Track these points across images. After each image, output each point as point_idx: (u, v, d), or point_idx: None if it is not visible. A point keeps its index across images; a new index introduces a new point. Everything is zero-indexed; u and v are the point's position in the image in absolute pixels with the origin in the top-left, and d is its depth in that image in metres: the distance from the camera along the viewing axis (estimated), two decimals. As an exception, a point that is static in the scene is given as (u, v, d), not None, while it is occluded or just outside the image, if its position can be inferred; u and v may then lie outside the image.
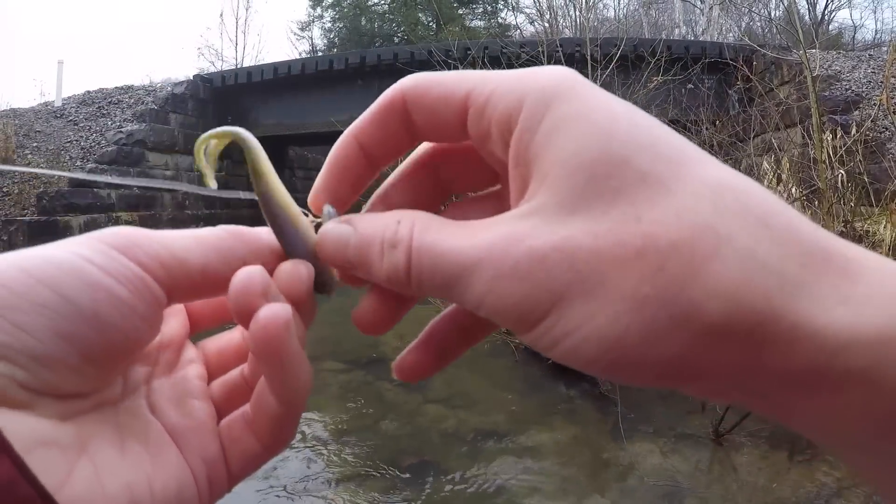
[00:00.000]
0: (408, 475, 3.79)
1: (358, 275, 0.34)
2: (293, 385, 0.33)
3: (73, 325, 0.28)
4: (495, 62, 8.31)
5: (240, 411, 0.37)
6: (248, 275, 0.32)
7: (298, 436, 4.29)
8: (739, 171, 0.29)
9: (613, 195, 0.27)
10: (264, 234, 0.35)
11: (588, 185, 0.27)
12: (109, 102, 14.70)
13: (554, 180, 0.28)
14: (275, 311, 0.31)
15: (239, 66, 26.72)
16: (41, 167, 12.10)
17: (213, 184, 0.38)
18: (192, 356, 0.39)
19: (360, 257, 0.33)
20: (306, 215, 0.36)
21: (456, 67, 7.91)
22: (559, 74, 0.30)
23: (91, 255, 0.29)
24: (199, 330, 0.41)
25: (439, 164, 0.38)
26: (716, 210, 0.26)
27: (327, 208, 0.36)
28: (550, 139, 0.28)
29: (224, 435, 0.36)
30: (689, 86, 8.81)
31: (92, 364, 0.29)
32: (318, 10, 35.07)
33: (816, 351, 0.24)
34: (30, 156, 12.43)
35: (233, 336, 0.41)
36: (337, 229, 0.34)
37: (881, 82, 8.18)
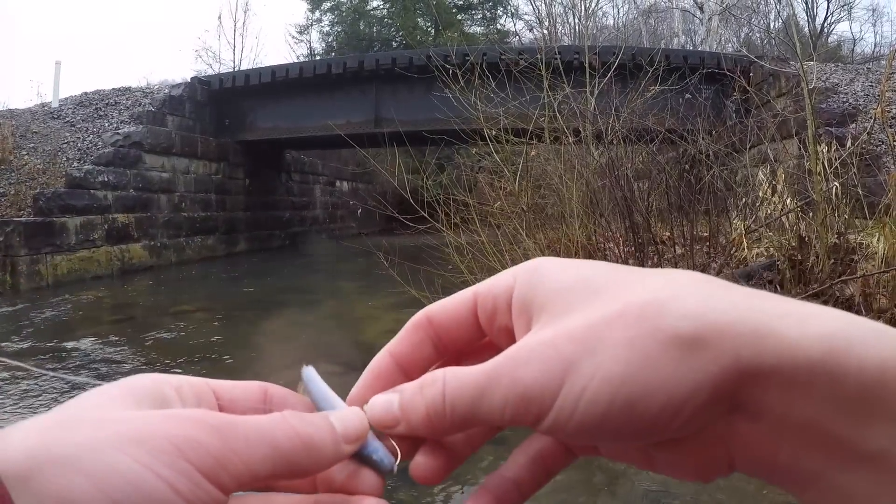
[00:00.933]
0: (402, 476, 3.79)
1: (400, 430, 0.39)
2: None
3: None
4: (494, 69, 8.30)
5: None
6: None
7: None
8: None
9: (595, 295, 0.35)
10: (329, 445, 0.37)
11: (573, 297, 0.36)
12: (107, 104, 14.71)
13: (548, 305, 0.36)
14: None
15: (237, 69, 26.74)
16: (37, 168, 12.08)
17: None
18: None
19: (405, 409, 0.39)
20: None
21: (455, 73, 7.93)
22: (537, 259, 0.40)
23: (182, 485, 0.29)
24: None
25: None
26: (670, 281, 0.34)
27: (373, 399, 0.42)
28: (539, 285, 0.37)
29: None
30: (687, 96, 8.81)
31: None
32: (317, 13, 35.16)
33: (781, 347, 0.29)
34: (26, 157, 12.41)
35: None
36: (385, 395, 0.40)
37: (878, 96, 8.22)
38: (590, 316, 0.34)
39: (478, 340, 0.42)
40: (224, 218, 16.57)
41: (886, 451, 0.28)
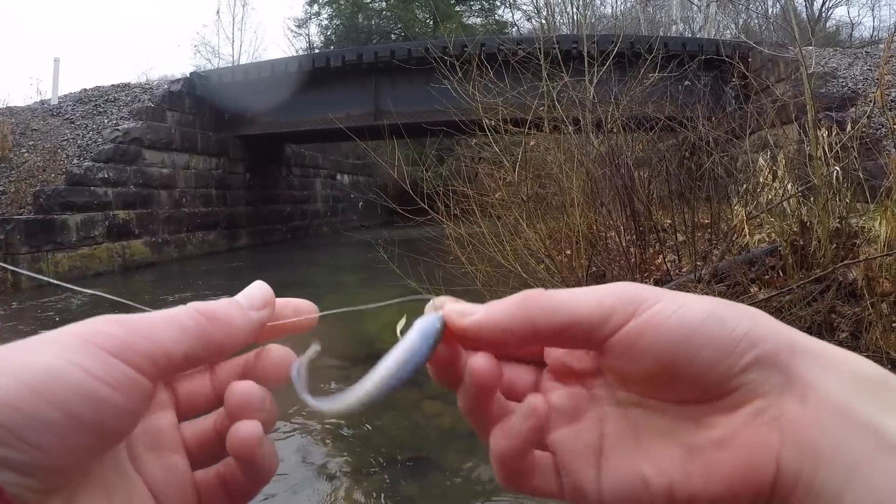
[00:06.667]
0: (405, 470, 3.80)
1: (462, 323, 0.38)
2: (263, 476, 0.40)
3: (79, 437, 0.31)
4: (492, 59, 8.27)
5: (214, 471, 0.41)
6: (247, 395, 0.39)
7: (297, 429, 4.31)
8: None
9: None
10: (236, 315, 0.39)
11: None
12: (106, 100, 14.67)
13: None
14: (250, 429, 0.38)
15: (235, 64, 26.70)
16: (37, 165, 12.07)
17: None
18: (164, 399, 0.41)
19: (486, 314, 0.38)
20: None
21: (453, 65, 7.90)
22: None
23: (91, 365, 0.32)
24: None
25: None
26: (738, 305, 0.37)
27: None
28: None
29: (201, 488, 0.41)
30: (686, 83, 8.79)
31: (94, 459, 0.34)
32: (315, 7, 35.02)
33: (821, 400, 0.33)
34: (26, 154, 12.40)
35: (204, 383, 0.43)
36: (461, 303, 0.40)
37: (877, 79, 8.19)
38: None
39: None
40: (225, 213, 16.56)
41: None
